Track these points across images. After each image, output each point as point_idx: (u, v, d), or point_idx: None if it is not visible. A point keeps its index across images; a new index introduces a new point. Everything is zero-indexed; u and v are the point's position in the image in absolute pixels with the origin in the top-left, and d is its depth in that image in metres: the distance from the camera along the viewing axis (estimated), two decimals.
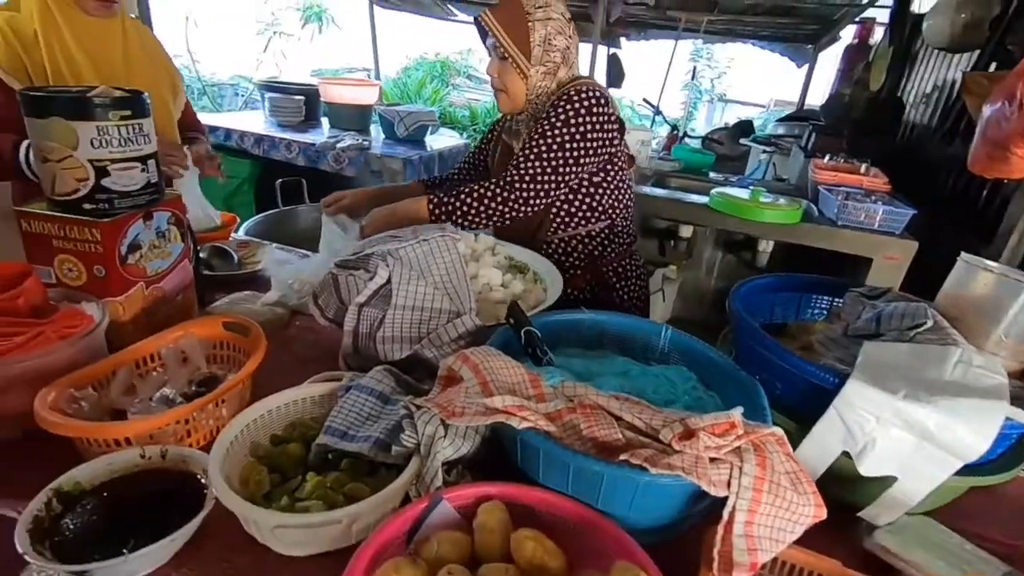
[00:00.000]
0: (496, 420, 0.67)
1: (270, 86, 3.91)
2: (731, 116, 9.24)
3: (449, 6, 5.39)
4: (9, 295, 0.86)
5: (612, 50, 5.31)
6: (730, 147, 3.86)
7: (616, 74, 5.04)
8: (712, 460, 0.62)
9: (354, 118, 3.77)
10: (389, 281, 0.97)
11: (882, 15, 3.67)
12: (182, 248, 1.12)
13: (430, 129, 3.74)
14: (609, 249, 1.47)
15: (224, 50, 7.02)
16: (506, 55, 1.29)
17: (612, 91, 5.48)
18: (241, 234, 1.73)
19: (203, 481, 0.71)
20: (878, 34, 3.70)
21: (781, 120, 4.25)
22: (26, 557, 0.58)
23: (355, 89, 3.84)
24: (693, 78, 9.71)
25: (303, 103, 3.75)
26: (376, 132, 3.83)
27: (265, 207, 2.25)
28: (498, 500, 0.65)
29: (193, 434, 0.82)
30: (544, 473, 0.67)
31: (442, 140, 3.90)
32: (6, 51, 1.23)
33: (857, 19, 3.97)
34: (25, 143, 1.21)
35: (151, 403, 0.85)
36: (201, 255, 1.32)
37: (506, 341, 0.87)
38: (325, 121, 3.96)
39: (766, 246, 2.75)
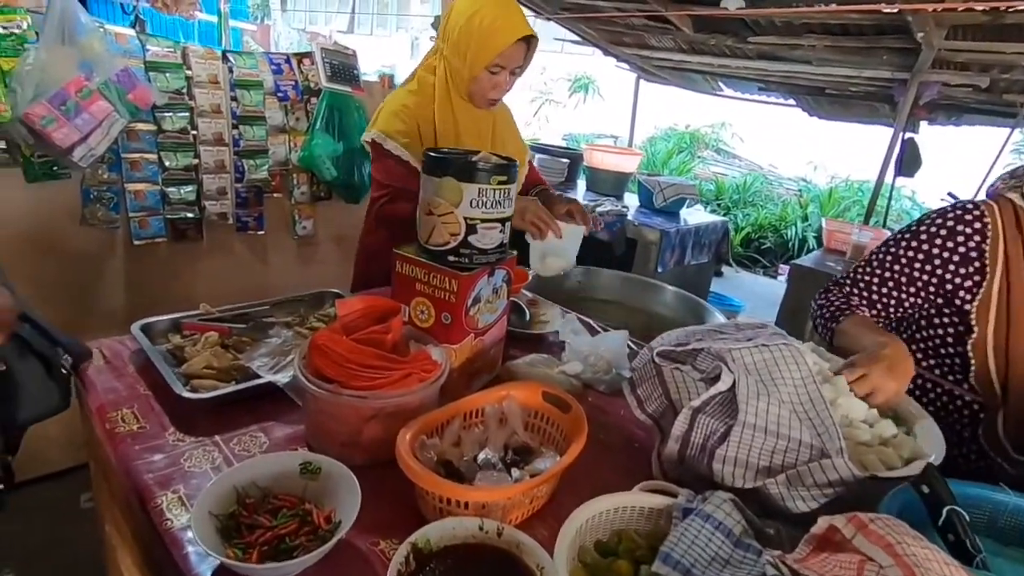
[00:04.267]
0: None
1: (537, 147, 4.24)
2: None
3: (719, 82, 5.32)
4: (381, 328, 0.95)
5: (908, 134, 4.63)
6: None
7: (910, 161, 4.35)
8: None
9: (612, 184, 3.85)
10: (731, 389, 0.85)
11: None
12: (505, 305, 1.15)
13: (687, 202, 3.63)
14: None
15: None
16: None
17: (899, 180, 4.74)
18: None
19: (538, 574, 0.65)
20: None
21: None
22: None
23: (618, 156, 3.94)
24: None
25: (567, 166, 3.96)
26: (629, 199, 3.86)
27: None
28: None
29: (514, 510, 0.79)
30: None
31: (697, 215, 3.75)
32: (407, 127, 1.45)
33: None
34: None
35: (476, 464, 0.85)
36: None
37: (902, 508, 0.67)
38: (581, 183, 4.13)
39: None
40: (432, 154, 1.01)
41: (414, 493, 0.80)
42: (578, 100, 8.21)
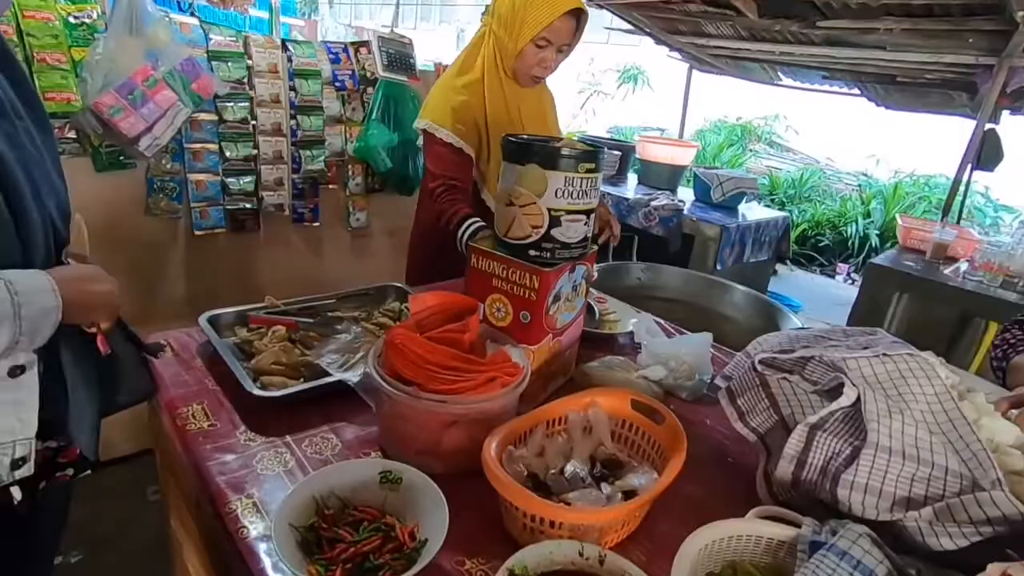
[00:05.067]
0: None
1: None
2: None
3: (778, 71, 5.07)
4: (457, 327, 0.89)
5: (989, 125, 4.30)
6: None
7: (991, 154, 4.03)
8: None
9: (666, 177, 3.71)
10: (855, 404, 0.75)
11: None
12: (583, 304, 1.08)
13: (747, 197, 3.46)
14: None
15: None
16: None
17: (976, 174, 4.43)
18: None
19: None
20: None
21: None
22: None
23: (673, 148, 3.79)
24: None
25: (619, 158, 3.84)
26: (683, 193, 3.71)
27: None
28: None
29: (609, 532, 0.71)
30: None
31: (755, 210, 3.57)
32: (459, 114, 1.40)
33: None
34: (468, 224, 1.33)
35: (563, 478, 0.78)
36: None
37: None
38: (632, 177, 4.00)
39: None
40: (513, 139, 0.94)
41: (497, 507, 0.74)
42: (626, 91, 8.01)
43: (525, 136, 1.02)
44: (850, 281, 5.57)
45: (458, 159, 1.41)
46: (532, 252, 0.93)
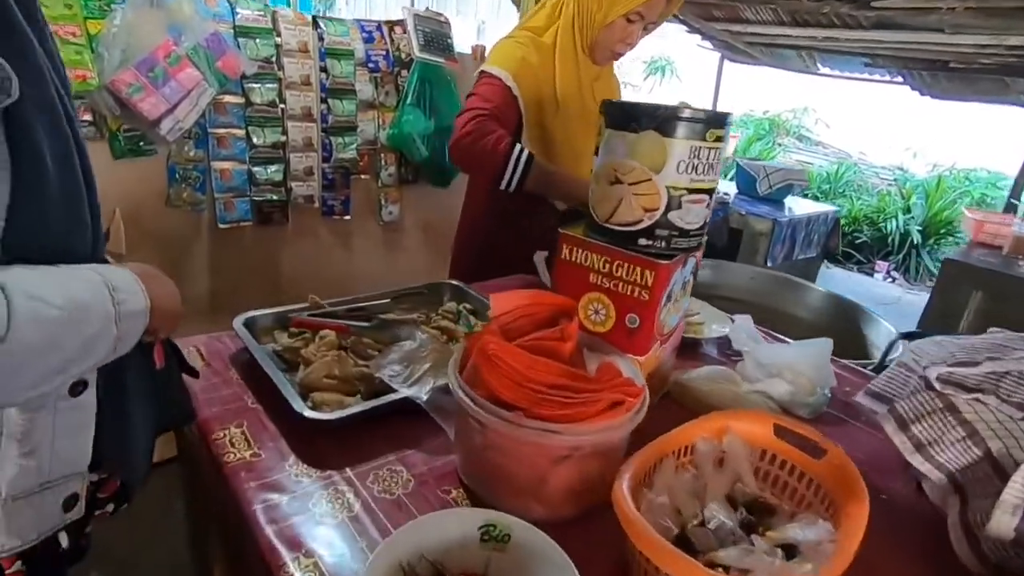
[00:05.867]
0: None
1: None
2: None
3: (816, 56, 4.83)
4: (552, 334, 0.72)
5: None
6: None
7: None
8: None
9: None
10: None
11: None
12: (687, 304, 0.90)
13: (795, 190, 3.26)
14: None
15: None
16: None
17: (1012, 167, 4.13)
18: None
19: None
20: None
21: None
22: None
23: None
24: None
25: None
26: (723, 185, 3.51)
27: None
28: None
29: None
30: None
31: (802, 204, 3.37)
32: (527, 69, 1.24)
33: None
34: (519, 148, 1.18)
35: (707, 529, 0.60)
36: None
37: None
38: None
39: None
40: (621, 104, 0.76)
41: (612, 563, 0.57)
42: (653, 83, 7.79)
43: (633, 100, 0.84)
44: (890, 279, 5.33)
45: (512, 104, 1.24)
46: (643, 241, 0.76)
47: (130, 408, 0.61)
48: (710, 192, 0.77)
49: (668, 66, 7.77)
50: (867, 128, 7.38)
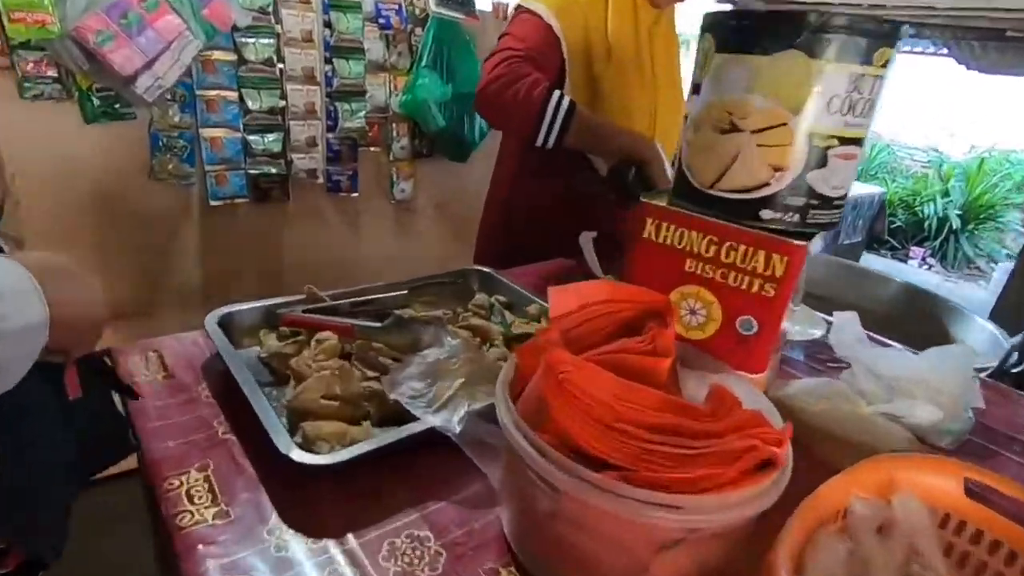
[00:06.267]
0: None
1: None
2: None
3: None
4: (639, 346, 0.51)
5: None
6: None
7: None
8: None
9: None
10: None
11: None
12: (801, 297, 0.68)
13: None
14: None
15: None
16: None
17: None
18: None
19: None
20: None
21: None
22: None
23: None
24: None
25: None
26: None
27: None
28: None
29: None
30: None
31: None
32: (573, 6, 1.02)
33: None
34: (559, 95, 0.96)
35: None
36: None
37: None
38: None
39: None
40: (739, 11, 0.54)
41: None
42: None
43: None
44: (926, 266, 5.05)
45: (553, 45, 1.02)
46: (767, 213, 0.54)
47: (28, 459, 0.42)
48: (861, 143, 0.54)
49: (684, 41, 7.41)
50: (901, 108, 7.01)
